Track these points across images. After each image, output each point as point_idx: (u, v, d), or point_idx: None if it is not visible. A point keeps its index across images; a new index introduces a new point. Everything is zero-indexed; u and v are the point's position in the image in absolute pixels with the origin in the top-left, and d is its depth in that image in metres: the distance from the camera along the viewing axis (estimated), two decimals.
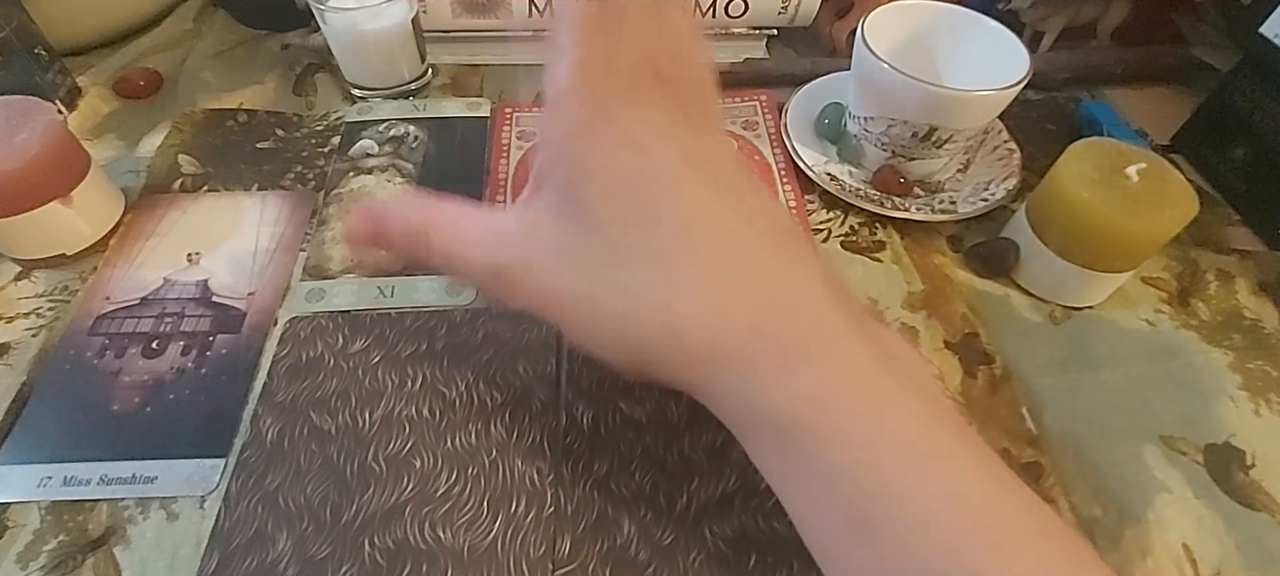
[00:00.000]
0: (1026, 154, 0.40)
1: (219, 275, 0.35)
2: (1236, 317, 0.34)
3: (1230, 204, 0.40)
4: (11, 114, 0.33)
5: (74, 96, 0.44)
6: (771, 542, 0.26)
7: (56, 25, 0.43)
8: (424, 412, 0.29)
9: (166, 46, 0.50)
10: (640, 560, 0.26)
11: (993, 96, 0.33)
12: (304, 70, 0.48)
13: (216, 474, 0.28)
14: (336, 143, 0.42)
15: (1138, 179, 0.31)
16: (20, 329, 0.33)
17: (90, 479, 0.28)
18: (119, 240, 0.36)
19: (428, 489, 0.27)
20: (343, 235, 0.36)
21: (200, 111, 0.44)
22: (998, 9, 0.45)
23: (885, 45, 0.35)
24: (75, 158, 0.35)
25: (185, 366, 0.31)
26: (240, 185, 0.40)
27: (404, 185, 0.39)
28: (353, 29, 0.42)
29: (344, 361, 0.31)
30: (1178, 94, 0.47)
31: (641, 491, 0.27)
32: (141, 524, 0.27)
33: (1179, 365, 0.32)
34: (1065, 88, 0.47)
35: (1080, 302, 0.34)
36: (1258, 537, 0.27)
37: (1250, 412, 0.31)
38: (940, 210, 0.37)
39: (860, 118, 0.38)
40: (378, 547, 0.26)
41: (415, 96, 0.46)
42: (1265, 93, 0.38)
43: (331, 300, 0.34)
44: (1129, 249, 0.32)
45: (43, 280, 0.35)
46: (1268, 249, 0.37)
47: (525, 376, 0.31)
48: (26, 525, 0.26)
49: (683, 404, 0.30)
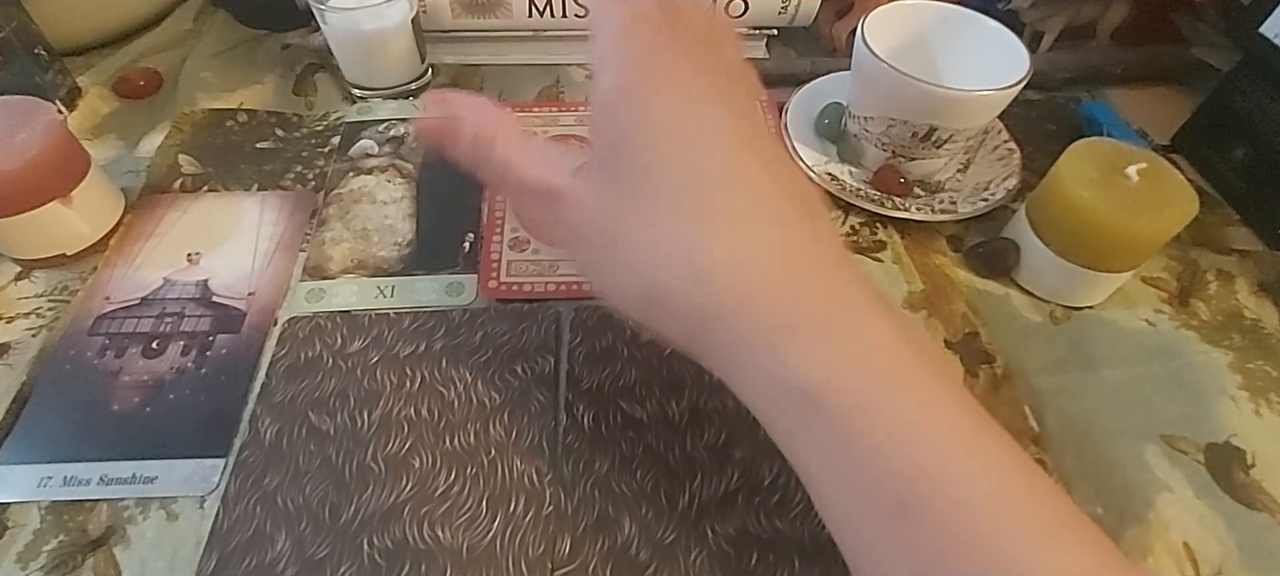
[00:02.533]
0: (1026, 154, 0.40)
1: (219, 275, 0.35)
2: (1236, 317, 0.34)
3: (1230, 204, 0.40)
4: (11, 114, 0.33)
5: (74, 96, 0.44)
6: (773, 541, 0.26)
7: (56, 25, 0.43)
8: (423, 413, 0.29)
9: (166, 46, 0.50)
10: (641, 559, 0.25)
11: (993, 96, 0.33)
12: (304, 70, 0.48)
13: (216, 474, 0.28)
14: (336, 143, 0.42)
15: (1138, 179, 0.31)
16: (20, 329, 0.33)
17: (90, 479, 0.28)
18: (119, 240, 0.36)
19: (426, 489, 0.27)
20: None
21: (200, 111, 0.44)
22: (998, 9, 0.45)
23: (885, 45, 0.35)
24: (75, 158, 0.35)
25: (185, 366, 0.31)
26: (240, 185, 0.40)
27: (404, 185, 0.39)
28: (353, 29, 0.42)
29: (343, 361, 0.31)
30: (1178, 94, 0.47)
31: (642, 490, 0.27)
32: (141, 524, 0.27)
33: (1179, 365, 0.32)
34: (1065, 88, 0.47)
35: (1080, 302, 0.34)
36: (1258, 537, 0.27)
37: (1251, 412, 0.31)
38: (940, 210, 0.37)
39: (860, 118, 0.38)
40: (376, 547, 0.26)
41: (415, 96, 0.46)
42: (1265, 93, 0.38)
43: (331, 300, 0.34)
44: (1129, 249, 0.32)
45: (43, 280, 0.35)
46: (1268, 249, 0.37)
47: (524, 376, 0.31)
48: (26, 525, 0.26)
49: (684, 403, 0.30)
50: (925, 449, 0.16)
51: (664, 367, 0.31)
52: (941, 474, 0.16)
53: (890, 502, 0.16)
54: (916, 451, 0.16)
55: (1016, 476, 0.17)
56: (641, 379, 0.31)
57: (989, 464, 0.17)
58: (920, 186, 0.39)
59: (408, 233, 0.37)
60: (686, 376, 0.31)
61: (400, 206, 0.38)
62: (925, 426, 0.17)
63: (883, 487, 0.17)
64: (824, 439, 0.18)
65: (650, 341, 0.32)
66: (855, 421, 0.17)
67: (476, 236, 0.37)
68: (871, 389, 0.17)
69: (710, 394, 0.30)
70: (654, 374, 0.31)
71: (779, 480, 0.27)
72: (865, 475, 0.17)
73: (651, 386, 0.30)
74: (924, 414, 0.17)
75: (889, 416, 0.17)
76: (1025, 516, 0.16)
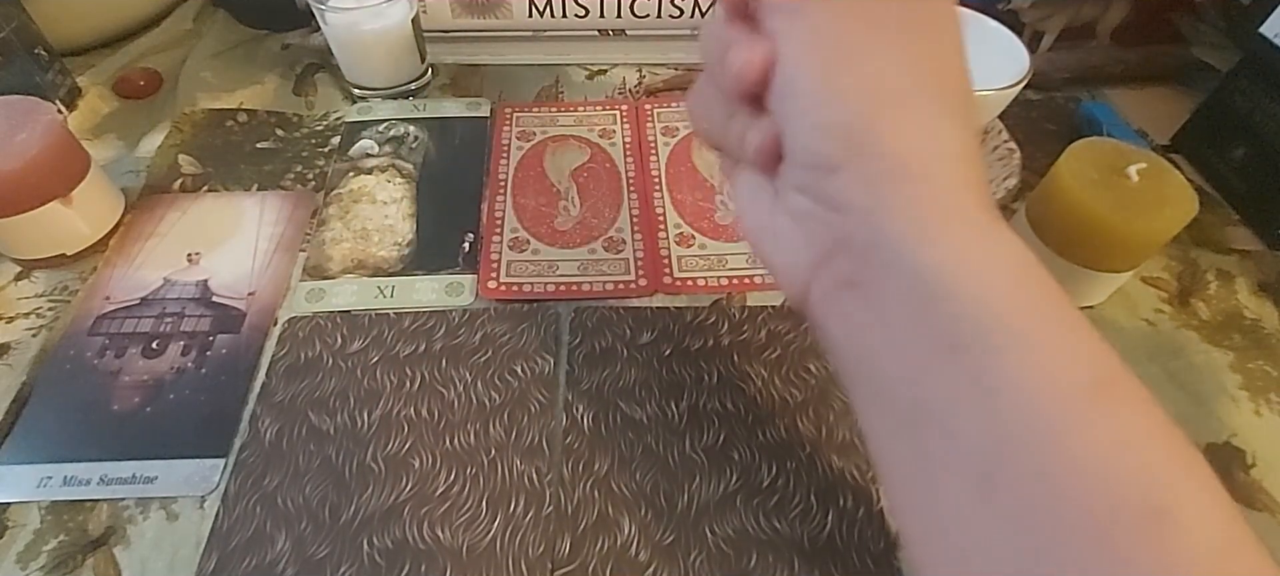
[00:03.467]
0: (1026, 154, 0.40)
1: (219, 275, 0.35)
2: (1236, 317, 0.34)
3: (1230, 204, 0.40)
4: (11, 114, 0.33)
5: (74, 96, 0.44)
6: (772, 542, 0.26)
7: (56, 25, 0.43)
8: (423, 413, 0.29)
9: (166, 46, 0.50)
10: (640, 560, 0.25)
11: (993, 96, 0.33)
12: (304, 70, 0.48)
13: (216, 474, 0.28)
14: (336, 143, 0.42)
15: (1138, 179, 0.31)
16: (20, 329, 0.33)
17: (90, 479, 0.28)
18: (119, 240, 0.36)
19: (426, 488, 0.27)
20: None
21: (200, 111, 0.44)
22: (998, 9, 0.45)
23: None
24: (75, 158, 0.35)
25: (185, 366, 0.31)
26: (240, 185, 0.40)
27: (404, 186, 0.39)
28: (353, 29, 0.42)
29: (343, 361, 0.31)
30: (1178, 94, 0.47)
31: (642, 491, 0.27)
32: (141, 524, 0.27)
33: (1179, 365, 0.32)
34: (1065, 88, 0.47)
35: (1081, 302, 0.34)
36: (1259, 537, 0.27)
37: (1251, 412, 0.31)
38: None
39: None
40: (376, 547, 0.26)
41: (415, 96, 0.46)
42: (1265, 93, 0.38)
43: (331, 300, 0.34)
44: (1129, 249, 0.32)
45: (43, 280, 0.35)
46: (1268, 249, 0.37)
47: (524, 376, 0.31)
48: (26, 525, 0.27)
49: (683, 405, 0.30)
50: (976, 288, 0.16)
51: (664, 369, 0.31)
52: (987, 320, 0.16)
53: (942, 343, 0.16)
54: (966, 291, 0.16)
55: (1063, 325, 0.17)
56: (641, 380, 0.31)
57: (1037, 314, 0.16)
58: None
59: (408, 233, 0.37)
60: (686, 377, 0.31)
61: (400, 206, 0.38)
62: (976, 265, 0.17)
63: (934, 328, 0.17)
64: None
65: (649, 342, 0.32)
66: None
67: (476, 236, 0.37)
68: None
69: (710, 395, 0.30)
70: (653, 375, 0.31)
71: (778, 481, 0.27)
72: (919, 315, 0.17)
73: (651, 387, 0.30)
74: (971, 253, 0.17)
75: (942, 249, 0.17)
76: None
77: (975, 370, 0.16)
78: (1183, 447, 0.15)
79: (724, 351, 0.32)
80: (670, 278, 0.35)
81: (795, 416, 0.29)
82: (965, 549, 0.16)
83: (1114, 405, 0.16)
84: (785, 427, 0.29)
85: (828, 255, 0.19)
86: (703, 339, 0.32)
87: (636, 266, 0.35)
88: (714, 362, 0.31)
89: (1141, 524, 0.14)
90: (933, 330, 0.17)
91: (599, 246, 0.36)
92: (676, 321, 0.33)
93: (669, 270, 0.35)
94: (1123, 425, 0.15)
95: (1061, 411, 0.15)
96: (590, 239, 0.37)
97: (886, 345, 0.18)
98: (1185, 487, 0.15)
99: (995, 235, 0.17)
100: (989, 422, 0.16)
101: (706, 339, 0.32)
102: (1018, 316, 0.16)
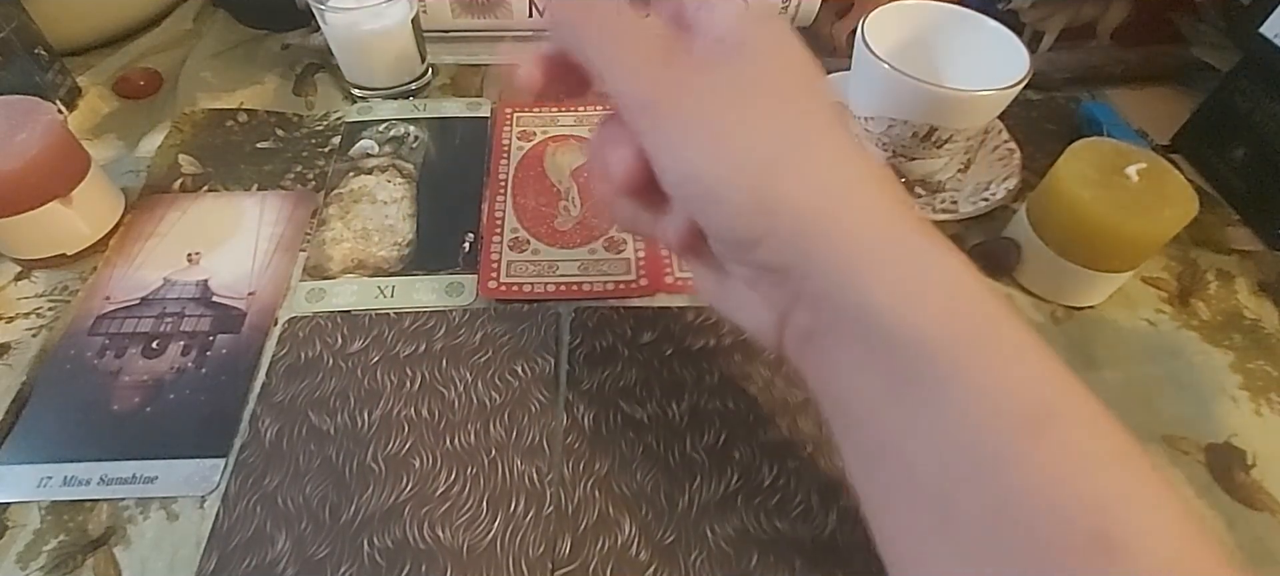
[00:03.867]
0: (1026, 154, 0.40)
1: (219, 275, 0.35)
2: (1236, 317, 0.34)
3: (1230, 204, 0.40)
4: (11, 114, 0.33)
5: (74, 96, 0.44)
6: (773, 542, 0.26)
7: (56, 25, 0.43)
8: (423, 413, 0.29)
9: (166, 46, 0.50)
10: (641, 560, 0.25)
11: (993, 96, 0.33)
12: (304, 70, 0.48)
13: (217, 474, 0.28)
14: (336, 143, 0.42)
15: (1138, 179, 0.31)
16: (20, 329, 0.33)
17: (90, 479, 0.28)
18: (119, 240, 0.36)
19: (427, 488, 0.27)
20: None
21: (200, 111, 0.44)
22: (998, 9, 0.45)
23: (885, 45, 0.35)
24: (75, 158, 0.35)
25: (185, 366, 0.31)
26: (240, 185, 0.40)
27: (404, 186, 0.39)
28: (353, 29, 0.42)
29: (343, 361, 0.31)
30: (1178, 94, 0.47)
31: (642, 491, 0.27)
32: (141, 524, 0.27)
33: (1179, 365, 0.32)
34: (1065, 88, 0.47)
35: (1081, 302, 0.34)
36: (1259, 537, 0.27)
37: (1251, 412, 0.31)
38: (941, 210, 0.37)
39: (860, 118, 0.38)
40: (377, 547, 0.26)
41: (415, 96, 0.46)
42: (1265, 93, 0.38)
43: (331, 300, 0.34)
44: (1129, 249, 0.32)
45: (43, 280, 0.35)
46: (1268, 249, 0.37)
47: (524, 376, 0.31)
48: (26, 525, 0.26)
49: (684, 405, 0.30)
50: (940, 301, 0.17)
51: (664, 369, 0.31)
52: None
53: (897, 379, 0.17)
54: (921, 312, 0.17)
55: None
56: (641, 380, 0.31)
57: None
58: (921, 186, 0.39)
59: (408, 233, 0.37)
60: (686, 377, 0.31)
61: (400, 206, 0.38)
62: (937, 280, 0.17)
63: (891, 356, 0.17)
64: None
65: (650, 342, 0.32)
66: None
67: (476, 237, 0.37)
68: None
69: (710, 395, 0.30)
70: (654, 375, 0.31)
71: (779, 481, 0.27)
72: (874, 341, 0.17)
73: (652, 387, 0.30)
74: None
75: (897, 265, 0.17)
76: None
77: (926, 402, 0.16)
78: (1136, 469, 0.15)
79: (725, 351, 0.32)
80: (671, 277, 0.35)
81: (796, 416, 0.29)
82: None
83: (1059, 432, 0.15)
84: (786, 427, 0.29)
85: (787, 311, 0.20)
86: (704, 339, 0.32)
87: (637, 266, 0.35)
88: (715, 362, 0.31)
89: (1086, 553, 0.14)
90: (886, 367, 0.17)
91: (599, 246, 0.36)
92: (677, 321, 0.33)
93: (670, 270, 0.35)
94: (1068, 453, 0.15)
95: (1005, 443, 0.15)
96: (591, 239, 0.37)
97: (852, 386, 0.18)
98: (1132, 512, 0.14)
99: (929, 257, 0.18)
100: (941, 456, 0.16)
101: (707, 339, 0.32)
102: (957, 347, 0.16)
